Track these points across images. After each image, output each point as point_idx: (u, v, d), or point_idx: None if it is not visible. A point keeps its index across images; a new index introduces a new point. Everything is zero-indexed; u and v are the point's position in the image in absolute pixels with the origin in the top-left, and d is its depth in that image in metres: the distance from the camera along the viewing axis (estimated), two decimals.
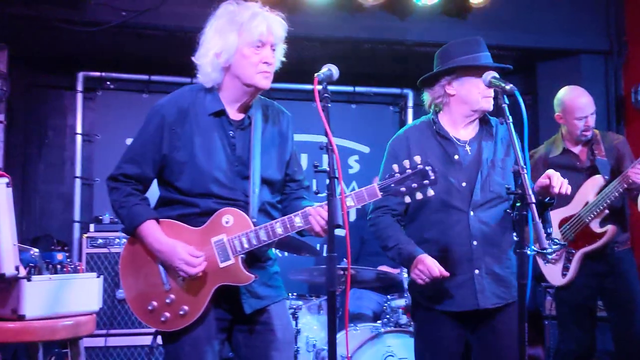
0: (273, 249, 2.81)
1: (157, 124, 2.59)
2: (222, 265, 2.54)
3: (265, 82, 2.56)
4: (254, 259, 2.63)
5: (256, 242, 2.52)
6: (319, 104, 2.24)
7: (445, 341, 2.91)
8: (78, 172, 5.78)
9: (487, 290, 2.87)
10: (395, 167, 2.48)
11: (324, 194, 2.29)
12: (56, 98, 5.97)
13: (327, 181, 2.22)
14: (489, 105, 2.93)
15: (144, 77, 5.86)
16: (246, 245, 2.52)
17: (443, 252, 2.89)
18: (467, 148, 2.96)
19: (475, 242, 2.87)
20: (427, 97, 3.06)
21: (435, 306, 2.92)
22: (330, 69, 2.39)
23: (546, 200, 2.83)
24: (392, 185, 2.47)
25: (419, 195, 2.46)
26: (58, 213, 5.88)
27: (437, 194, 2.64)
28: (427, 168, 2.45)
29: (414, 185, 2.45)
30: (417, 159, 2.46)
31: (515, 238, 2.94)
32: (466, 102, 2.94)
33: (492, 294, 2.88)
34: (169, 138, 2.57)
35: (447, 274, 2.79)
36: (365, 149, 6.40)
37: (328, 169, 2.22)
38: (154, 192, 2.70)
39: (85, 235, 5.11)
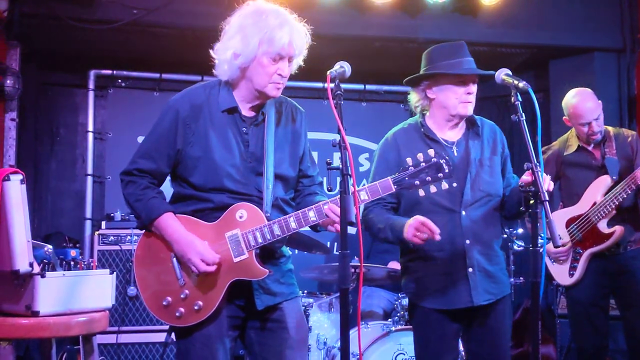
0: (286, 247, 2.82)
1: (172, 119, 2.60)
2: (236, 260, 2.55)
3: (276, 92, 2.58)
4: (268, 255, 2.64)
5: (270, 237, 2.53)
6: (331, 101, 2.25)
7: (443, 339, 2.96)
8: (90, 170, 5.81)
9: (480, 287, 2.92)
10: (409, 160, 2.51)
11: (336, 191, 2.29)
12: (68, 96, 6.00)
13: (339, 178, 2.22)
14: (466, 110, 2.97)
15: (155, 75, 5.88)
16: (260, 240, 2.53)
17: (436, 252, 2.94)
18: (454, 149, 3.01)
19: (468, 241, 2.92)
20: (413, 97, 3.13)
21: (430, 305, 2.96)
22: (343, 66, 2.40)
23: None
24: (407, 178, 2.49)
25: (432, 189, 2.49)
26: (70, 210, 5.91)
27: (428, 195, 2.64)
28: (442, 161, 2.48)
29: (428, 178, 2.48)
30: (431, 152, 2.50)
31: (504, 235, 2.96)
32: (445, 106, 3.00)
33: (484, 291, 2.93)
34: (183, 133, 2.59)
35: (437, 230, 2.76)
36: (376, 147, 6.38)
37: (341, 166, 2.22)
38: (166, 191, 2.72)
39: (97, 232, 5.14)
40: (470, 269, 2.91)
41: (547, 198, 2.43)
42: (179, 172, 2.64)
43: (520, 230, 4.95)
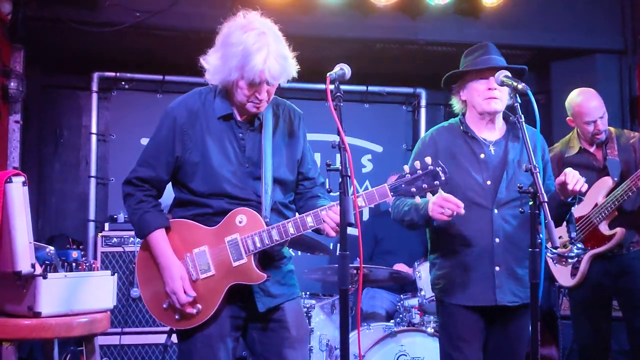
0: (288, 248, 2.83)
1: (169, 127, 2.63)
2: (235, 264, 2.57)
3: (255, 110, 2.59)
4: (268, 257, 2.66)
5: (269, 242, 2.55)
6: (331, 103, 2.25)
7: (468, 334, 2.96)
8: (93, 172, 5.83)
9: (505, 287, 2.92)
10: (406, 167, 2.53)
11: (337, 193, 2.30)
12: (71, 98, 6.01)
13: (340, 180, 2.22)
14: (490, 106, 2.99)
15: (158, 77, 5.89)
16: (259, 245, 2.55)
17: (465, 247, 2.94)
18: (492, 149, 3.03)
19: (497, 239, 2.93)
20: (454, 102, 3.17)
21: (455, 301, 2.98)
22: (343, 68, 2.40)
23: (568, 200, 2.85)
24: (403, 185, 2.51)
25: (429, 196, 2.49)
26: (73, 212, 5.92)
27: (462, 191, 2.69)
28: (438, 169, 2.49)
29: (425, 185, 2.49)
30: (428, 159, 2.50)
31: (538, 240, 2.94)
32: (473, 105, 3.05)
33: (510, 291, 2.93)
34: (181, 139, 2.62)
35: (462, 204, 2.76)
36: (378, 148, 6.40)
37: (340, 167, 2.23)
38: (170, 193, 2.74)
39: (100, 234, 5.15)
40: (497, 268, 2.91)
41: (546, 199, 2.44)
42: (179, 178, 2.67)
43: None
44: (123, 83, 5.94)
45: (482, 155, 3.01)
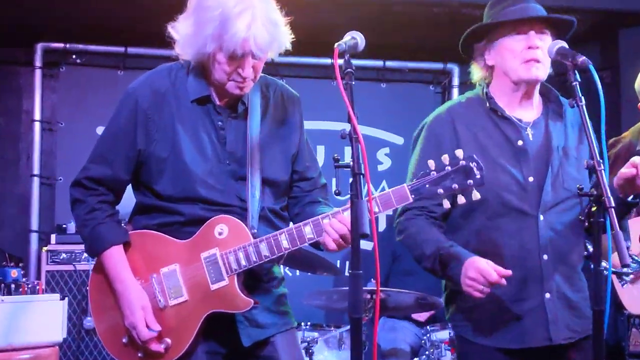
0: (280, 266, 2.83)
1: (130, 112, 2.63)
2: (213, 287, 2.57)
3: (238, 91, 2.59)
4: (254, 278, 2.66)
5: (256, 259, 2.55)
6: (340, 82, 2.24)
7: None
8: (36, 170, 5.84)
9: (560, 321, 2.80)
10: (432, 163, 2.47)
11: (346, 196, 2.30)
12: (9, 76, 6.04)
13: (351, 179, 2.23)
14: (530, 73, 2.84)
15: (119, 49, 5.90)
16: (244, 262, 2.55)
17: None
18: (529, 132, 2.91)
19: (545, 256, 2.81)
20: (474, 71, 3.03)
21: (491, 342, 2.85)
22: (355, 37, 2.39)
23: (629, 199, 2.76)
24: (427, 186, 2.47)
25: (460, 199, 2.46)
26: (11, 220, 5.94)
27: (495, 192, 2.62)
28: (472, 164, 2.44)
29: (455, 186, 2.45)
30: (459, 152, 2.45)
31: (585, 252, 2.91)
32: (505, 72, 2.91)
33: (564, 325, 2.82)
34: (144, 128, 2.62)
35: (508, 272, 2.68)
36: (399, 140, 6.40)
37: (352, 163, 2.23)
38: (130, 198, 2.75)
39: (45, 248, 5.16)
40: (547, 295, 2.80)
41: (613, 204, 2.42)
42: (142, 178, 2.67)
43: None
44: (74, 57, 5.96)
45: (520, 142, 2.88)
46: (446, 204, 2.50)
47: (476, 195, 2.46)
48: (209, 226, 2.58)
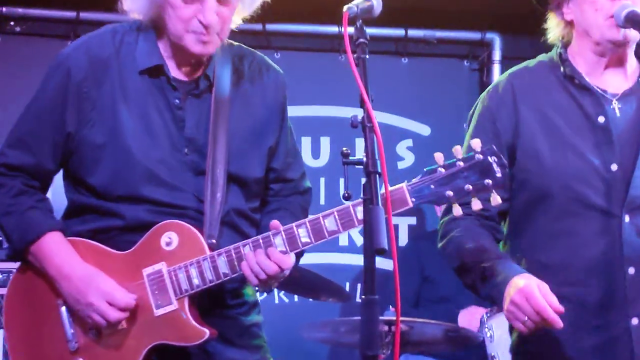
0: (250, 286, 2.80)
1: (59, 84, 2.65)
2: (158, 312, 2.58)
3: (199, 48, 2.58)
4: (214, 301, 2.67)
5: (212, 277, 2.55)
6: (350, 56, 2.23)
7: None
8: None
9: None
10: (439, 156, 2.46)
11: (358, 200, 2.29)
12: None
13: (364, 179, 2.22)
14: (618, 32, 2.81)
15: (70, 14, 5.90)
16: (197, 282, 2.55)
17: (575, 285, 2.81)
18: (615, 106, 2.87)
19: (631, 270, 2.79)
20: (551, 24, 3.01)
21: None
22: None
23: None
24: (432, 186, 2.46)
25: (475, 204, 2.46)
26: None
27: (565, 183, 2.61)
28: (491, 159, 2.43)
29: (468, 187, 2.44)
30: (476, 143, 2.45)
31: None
32: (586, 31, 2.89)
33: None
34: (76, 106, 2.63)
35: (561, 309, 2.62)
36: (424, 130, 6.41)
37: (365, 159, 2.22)
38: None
39: None
40: (634, 321, 2.77)
41: None
42: (72, 168, 2.68)
43: None
44: (12, 23, 5.97)
45: (601, 119, 2.84)
46: (456, 211, 2.50)
47: (496, 199, 2.44)
48: (154, 234, 2.58)
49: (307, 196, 2.88)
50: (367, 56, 2.29)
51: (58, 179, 2.76)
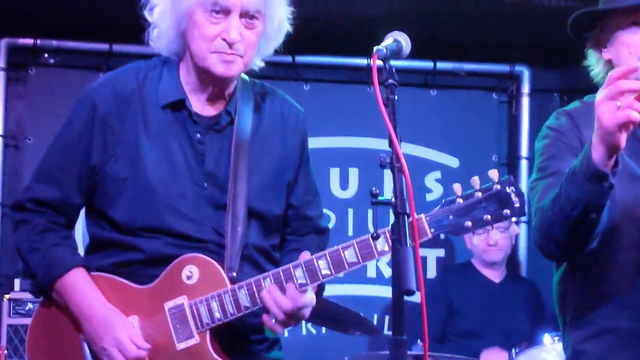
0: None
1: (85, 118, 2.67)
2: (180, 346, 2.58)
3: (223, 69, 2.60)
4: (235, 337, 2.66)
5: (234, 310, 2.55)
6: (379, 97, 2.22)
7: None
8: None
9: None
10: (457, 187, 2.48)
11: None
12: None
13: (394, 220, 2.21)
14: None
15: (102, 46, 5.94)
16: (218, 315, 2.56)
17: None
18: None
19: None
20: (591, 60, 2.98)
21: None
22: (399, 40, 2.37)
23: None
24: (451, 217, 2.47)
25: (495, 235, 2.48)
26: None
27: (637, 217, 2.56)
28: (509, 190, 2.44)
29: (487, 217, 2.45)
30: (493, 174, 2.46)
31: None
32: None
33: None
34: (101, 140, 2.65)
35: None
36: (453, 162, 6.38)
37: (394, 199, 2.21)
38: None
39: (7, 296, 5.16)
40: None
41: None
42: (96, 202, 2.70)
43: None
44: (46, 55, 6.00)
45: None
46: (477, 241, 2.49)
47: (514, 229, 2.45)
48: (175, 268, 2.60)
49: (325, 237, 2.87)
50: (396, 96, 2.29)
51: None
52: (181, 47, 2.67)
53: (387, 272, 5.87)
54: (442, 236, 6.24)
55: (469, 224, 2.47)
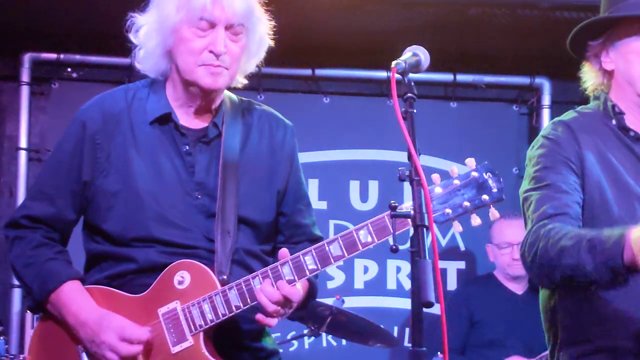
0: (271, 337, 2.83)
1: (76, 138, 2.75)
2: (175, 349, 2.61)
3: (210, 81, 2.66)
4: (232, 339, 2.68)
5: (225, 310, 2.58)
6: (398, 111, 2.22)
7: None
8: None
9: None
10: (436, 177, 2.52)
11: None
12: None
13: (412, 232, 2.21)
14: None
15: (124, 61, 5.93)
16: (210, 316, 2.58)
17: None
18: None
19: None
20: (587, 76, 2.97)
21: None
22: (417, 54, 2.38)
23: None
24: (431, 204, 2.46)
25: (474, 220, 2.48)
26: None
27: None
28: (486, 176, 2.48)
29: (465, 204, 2.48)
30: (470, 162, 2.52)
31: None
32: (629, 81, 2.84)
33: None
34: (91, 157, 2.71)
35: None
36: (463, 171, 6.34)
37: (412, 212, 2.21)
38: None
39: None
40: None
41: None
42: (89, 217, 2.76)
43: None
44: (69, 70, 6.06)
45: None
46: (457, 227, 2.53)
47: (494, 213, 2.45)
48: (167, 275, 2.63)
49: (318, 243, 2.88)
50: (415, 110, 2.29)
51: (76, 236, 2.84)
52: (167, 66, 2.74)
53: (407, 284, 5.85)
54: (462, 248, 6.29)
55: (448, 211, 2.51)
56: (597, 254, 2.51)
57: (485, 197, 2.47)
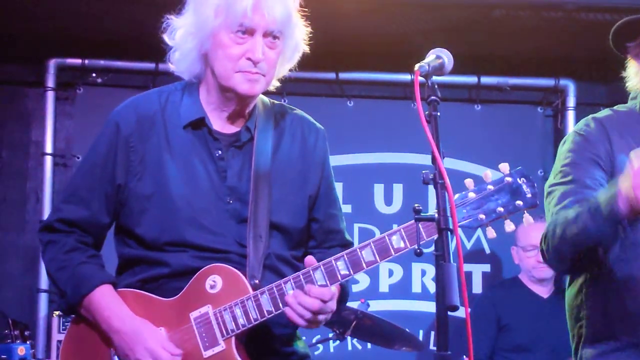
0: (302, 340, 2.83)
1: (110, 140, 2.74)
2: (207, 354, 2.61)
3: (247, 87, 2.64)
4: (264, 345, 2.68)
5: (257, 315, 2.58)
6: (422, 114, 2.22)
7: None
8: (46, 215, 5.92)
9: None
10: (469, 182, 2.50)
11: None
12: (14, 99, 6.15)
13: (436, 235, 2.21)
14: None
15: (149, 65, 5.98)
16: (242, 321, 2.58)
17: None
18: None
19: None
20: (630, 71, 2.96)
21: None
22: (441, 56, 2.38)
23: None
24: (464, 211, 2.49)
25: (509, 226, 2.46)
26: (15, 277, 5.99)
27: None
28: (520, 181, 2.46)
29: (500, 209, 2.47)
30: (504, 167, 2.48)
31: None
32: None
33: None
34: (125, 159, 2.71)
35: None
36: (497, 176, 6.32)
37: (437, 215, 2.21)
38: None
39: (57, 312, 5.21)
40: None
41: None
42: (122, 221, 2.76)
43: None
44: (94, 75, 6.08)
45: None
46: (490, 234, 2.50)
47: (528, 219, 2.43)
48: (198, 279, 2.63)
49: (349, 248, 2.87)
50: (439, 113, 2.29)
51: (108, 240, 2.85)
52: (202, 69, 2.73)
53: (433, 287, 5.83)
54: (487, 251, 6.26)
55: (482, 216, 2.49)
56: (596, 214, 2.57)
57: (519, 202, 2.46)
